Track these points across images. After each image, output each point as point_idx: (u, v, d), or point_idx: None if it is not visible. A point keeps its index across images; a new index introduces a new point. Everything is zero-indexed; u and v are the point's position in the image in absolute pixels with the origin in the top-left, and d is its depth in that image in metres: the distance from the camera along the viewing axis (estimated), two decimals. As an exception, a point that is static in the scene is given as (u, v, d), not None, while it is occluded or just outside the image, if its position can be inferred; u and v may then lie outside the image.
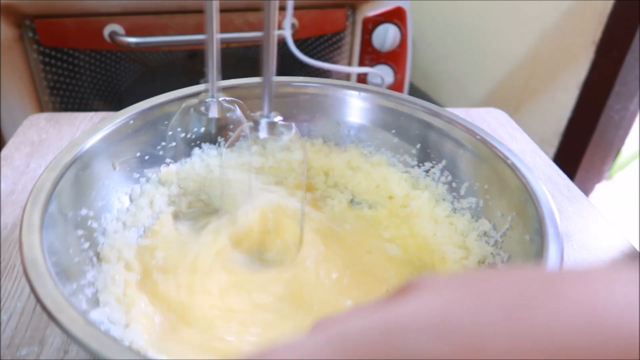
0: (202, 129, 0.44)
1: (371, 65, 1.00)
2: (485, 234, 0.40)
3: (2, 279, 0.38)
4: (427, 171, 0.46)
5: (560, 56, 1.19)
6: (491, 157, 0.40)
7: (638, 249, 0.46)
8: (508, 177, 0.39)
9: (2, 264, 0.39)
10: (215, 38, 0.33)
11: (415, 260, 0.42)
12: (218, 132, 0.45)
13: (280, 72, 0.96)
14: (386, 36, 0.95)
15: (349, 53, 0.99)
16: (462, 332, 0.12)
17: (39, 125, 0.58)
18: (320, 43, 0.95)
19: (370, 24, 0.95)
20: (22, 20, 0.78)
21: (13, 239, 0.42)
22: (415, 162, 0.46)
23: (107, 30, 0.81)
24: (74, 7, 0.79)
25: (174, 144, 0.43)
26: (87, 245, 0.34)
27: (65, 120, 0.60)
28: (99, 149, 0.37)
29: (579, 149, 1.22)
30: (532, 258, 0.33)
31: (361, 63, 1.00)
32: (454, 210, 0.43)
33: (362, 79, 1.00)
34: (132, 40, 0.80)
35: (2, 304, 0.36)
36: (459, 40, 1.49)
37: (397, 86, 1.01)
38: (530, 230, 0.35)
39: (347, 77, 1.02)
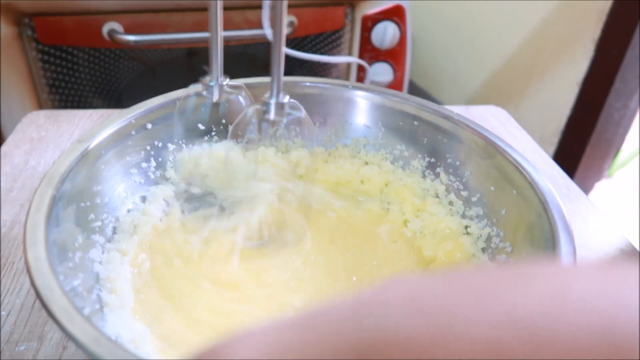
0: (208, 115, 0.45)
1: (370, 63, 1.00)
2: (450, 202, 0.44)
3: (2, 276, 0.38)
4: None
5: (560, 54, 1.19)
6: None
7: (637, 248, 0.46)
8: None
9: (1, 261, 0.39)
10: (219, 22, 0.32)
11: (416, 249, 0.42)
12: (226, 120, 0.45)
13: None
14: (385, 34, 0.94)
15: (348, 51, 0.99)
16: (432, 310, 0.12)
17: (38, 123, 0.58)
18: (319, 41, 0.95)
19: (370, 22, 0.95)
20: (21, 19, 0.78)
21: (12, 236, 0.42)
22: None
23: (105, 29, 0.81)
24: (73, 6, 0.79)
25: (179, 130, 0.43)
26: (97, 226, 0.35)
27: (64, 117, 0.59)
28: (108, 143, 0.38)
29: (578, 147, 1.22)
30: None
31: (361, 61, 1.00)
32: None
33: (360, 77, 1.00)
34: (131, 38, 0.80)
35: (1, 300, 0.36)
36: (458, 38, 1.49)
37: (396, 84, 1.01)
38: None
39: (347, 75, 1.02)
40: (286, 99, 0.32)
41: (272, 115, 0.32)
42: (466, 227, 0.42)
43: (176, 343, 0.32)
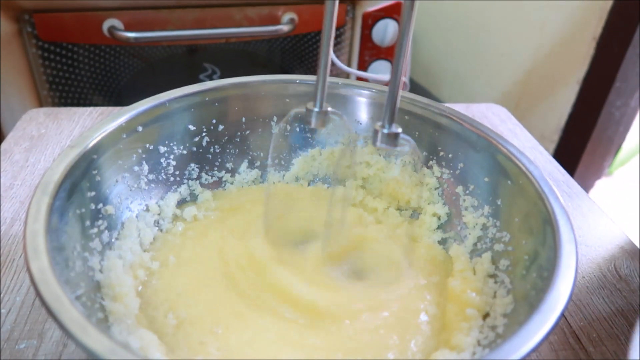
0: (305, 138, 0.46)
1: (371, 60, 1.00)
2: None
3: (2, 273, 0.38)
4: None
5: (561, 52, 1.19)
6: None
7: (638, 245, 0.46)
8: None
9: (1, 258, 0.39)
10: (330, 49, 0.32)
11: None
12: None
13: (281, 68, 0.95)
14: (386, 31, 0.94)
15: (349, 48, 0.99)
16: None
17: (38, 120, 0.58)
18: (320, 38, 0.95)
19: (370, 19, 0.95)
20: (21, 15, 0.77)
21: (12, 233, 0.42)
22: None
23: (106, 25, 0.80)
24: (73, 2, 0.79)
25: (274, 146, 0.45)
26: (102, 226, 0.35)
27: (64, 115, 0.59)
28: (101, 147, 0.37)
29: (579, 145, 1.22)
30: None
31: (361, 58, 1.00)
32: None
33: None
34: (131, 35, 0.80)
35: (1, 297, 0.36)
36: (459, 36, 1.48)
37: (397, 82, 1.01)
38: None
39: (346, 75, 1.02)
40: (399, 129, 0.32)
41: (380, 144, 0.32)
42: (461, 216, 0.42)
43: (184, 348, 0.31)
